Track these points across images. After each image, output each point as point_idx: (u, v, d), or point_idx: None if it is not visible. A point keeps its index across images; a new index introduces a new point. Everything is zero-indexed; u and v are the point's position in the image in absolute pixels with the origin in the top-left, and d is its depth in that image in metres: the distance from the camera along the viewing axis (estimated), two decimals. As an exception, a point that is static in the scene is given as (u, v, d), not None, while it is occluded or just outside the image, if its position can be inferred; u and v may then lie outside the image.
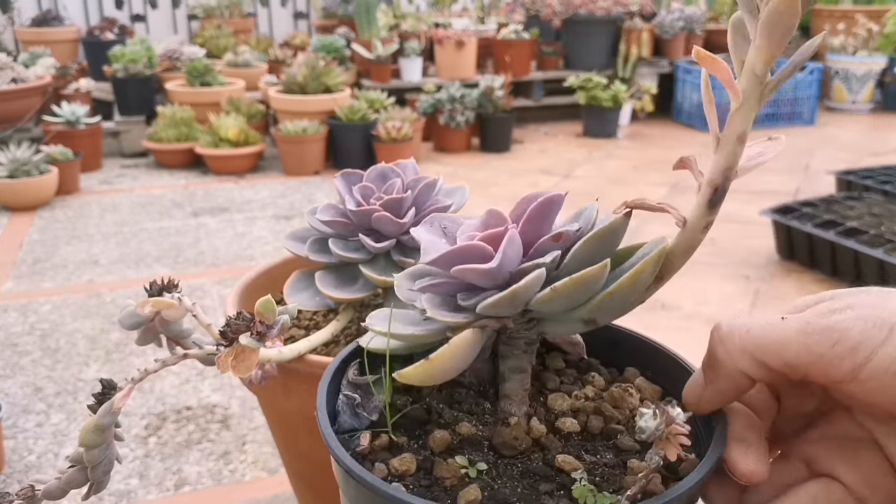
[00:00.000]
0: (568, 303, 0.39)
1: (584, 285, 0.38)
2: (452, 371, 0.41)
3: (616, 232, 0.40)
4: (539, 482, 0.38)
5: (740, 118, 0.37)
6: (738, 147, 0.38)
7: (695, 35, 5.21)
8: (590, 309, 0.39)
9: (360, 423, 0.43)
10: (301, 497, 0.92)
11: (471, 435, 0.41)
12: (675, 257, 0.40)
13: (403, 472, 0.39)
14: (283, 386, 0.75)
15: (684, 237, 0.40)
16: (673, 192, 3.40)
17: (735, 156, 0.38)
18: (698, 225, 0.39)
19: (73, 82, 4.20)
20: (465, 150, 4.23)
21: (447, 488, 0.38)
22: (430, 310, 0.41)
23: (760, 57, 0.36)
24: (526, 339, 0.43)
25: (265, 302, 0.51)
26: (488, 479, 0.39)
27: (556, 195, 0.42)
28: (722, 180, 0.38)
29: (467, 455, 0.40)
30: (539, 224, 0.41)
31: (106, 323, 2.13)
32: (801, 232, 2.47)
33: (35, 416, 1.67)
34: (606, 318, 0.41)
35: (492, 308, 0.40)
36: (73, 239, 2.86)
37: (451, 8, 5.57)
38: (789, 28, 0.35)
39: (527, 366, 0.44)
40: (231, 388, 1.78)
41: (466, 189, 0.83)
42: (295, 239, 0.82)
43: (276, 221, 3.05)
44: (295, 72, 3.87)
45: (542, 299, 0.38)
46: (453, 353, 0.40)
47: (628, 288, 0.38)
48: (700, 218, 0.39)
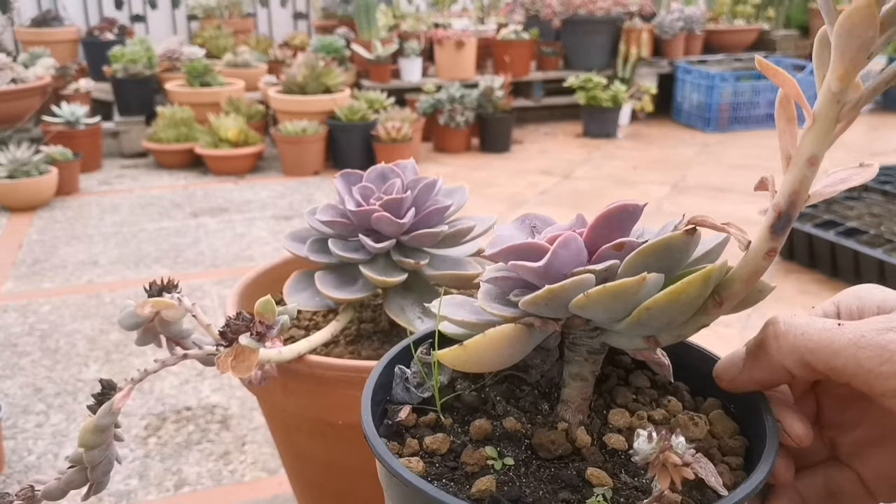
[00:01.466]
0: (605, 312, 0.39)
1: (617, 296, 0.37)
2: (489, 362, 0.41)
3: (672, 248, 0.39)
4: (562, 489, 0.38)
5: (812, 139, 0.35)
6: (809, 170, 0.35)
7: (694, 35, 5.21)
8: (630, 322, 0.38)
9: (410, 397, 0.44)
10: (301, 497, 0.92)
11: (514, 430, 0.42)
12: (735, 283, 0.38)
13: (434, 451, 0.40)
14: (282, 386, 0.75)
15: (746, 262, 0.38)
16: (673, 192, 3.40)
17: (804, 179, 0.35)
18: (760, 250, 0.37)
19: (73, 83, 4.20)
20: (464, 150, 4.24)
21: (468, 474, 0.39)
22: (481, 300, 0.42)
23: (835, 73, 0.33)
24: (588, 348, 0.43)
25: (265, 302, 0.51)
26: (513, 474, 0.39)
27: (630, 204, 0.41)
28: (787, 205, 0.36)
29: (501, 448, 0.41)
30: (608, 231, 0.40)
31: (105, 323, 2.13)
32: (801, 232, 2.47)
33: (35, 417, 1.67)
34: (665, 337, 0.41)
35: (530, 305, 0.40)
36: (73, 239, 2.86)
37: (451, 8, 5.57)
38: (866, 41, 0.32)
39: (588, 375, 0.43)
40: (231, 389, 1.78)
41: (466, 189, 0.83)
42: (294, 239, 0.82)
43: (275, 222, 3.05)
44: (294, 72, 3.87)
45: (577, 304, 0.38)
46: (489, 344, 0.40)
47: (666, 305, 0.37)
48: (762, 242, 0.37)
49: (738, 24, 5.59)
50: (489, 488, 0.37)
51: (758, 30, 5.56)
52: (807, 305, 1.90)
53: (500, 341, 0.40)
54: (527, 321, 0.41)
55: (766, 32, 5.62)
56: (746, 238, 0.38)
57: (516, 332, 0.40)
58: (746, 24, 5.57)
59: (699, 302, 0.39)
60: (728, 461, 0.41)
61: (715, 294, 0.39)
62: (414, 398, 0.44)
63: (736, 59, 5.31)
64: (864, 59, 0.33)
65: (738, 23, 5.60)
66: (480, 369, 0.43)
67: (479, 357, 0.40)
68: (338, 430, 0.76)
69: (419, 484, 0.36)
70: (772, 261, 0.37)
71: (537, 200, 3.30)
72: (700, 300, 0.38)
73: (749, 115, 4.77)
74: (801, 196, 0.36)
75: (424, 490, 0.36)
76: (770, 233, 0.36)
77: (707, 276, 0.37)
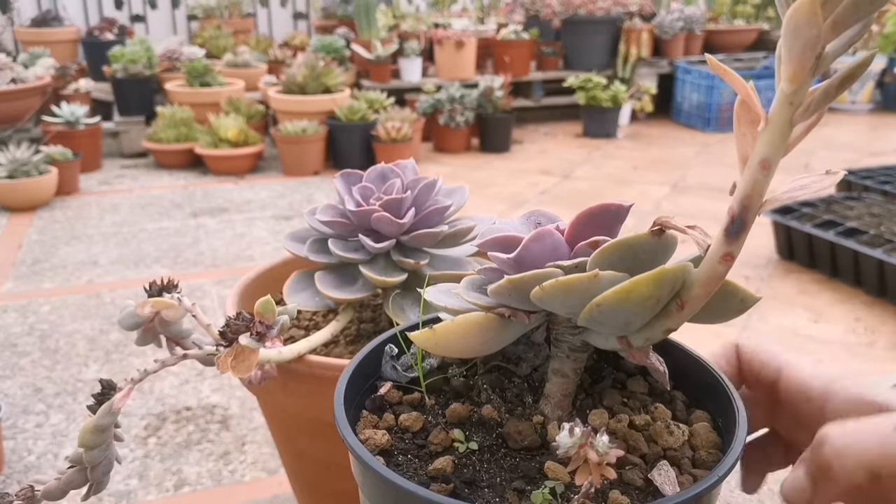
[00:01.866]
0: (562, 306, 0.39)
1: (569, 291, 0.37)
2: (458, 348, 0.42)
3: (635, 248, 0.38)
4: (519, 478, 0.39)
5: (765, 141, 0.34)
6: (761, 174, 0.34)
7: (694, 35, 5.21)
8: (583, 318, 0.39)
9: (397, 376, 0.46)
10: (301, 497, 0.92)
11: (489, 417, 0.42)
12: (695, 287, 0.38)
13: (407, 427, 0.42)
14: (282, 386, 0.75)
15: (703, 266, 0.37)
16: (673, 192, 3.40)
17: (757, 183, 0.34)
18: (716, 255, 0.36)
19: (73, 83, 4.20)
20: (464, 150, 4.24)
21: (431, 453, 0.40)
22: (461, 288, 0.43)
23: (785, 73, 0.33)
24: (570, 345, 0.43)
25: (265, 302, 0.51)
26: (475, 458, 0.40)
27: (613, 204, 0.41)
28: (740, 210, 0.35)
29: (470, 432, 0.41)
30: (590, 230, 0.41)
31: (105, 323, 2.13)
32: (801, 232, 2.47)
33: (34, 417, 1.67)
34: (635, 339, 0.40)
35: (496, 294, 0.40)
36: (73, 239, 2.86)
37: (451, 8, 5.57)
38: (811, 40, 0.31)
39: (569, 371, 0.44)
40: (230, 389, 1.78)
41: (466, 189, 0.83)
42: (294, 239, 0.82)
43: (275, 222, 3.05)
44: (294, 72, 3.87)
45: (535, 296, 0.38)
46: (457, 330, 0.41)
47: (615, 303, 0.37)
48: (718, 246, 0.36)
49: (737, 24, 5.59)
50: (445, 468, 0.38)
51: (758, 30, 5.56)
52: (807, 305, 1.90)
53: (469, 328, 0.41)
54: (499, 311, 0.41)
55: (765, 32, 5.62)
56: (707, 241, 0.38)
57: (486, 320, 0.41)
58: (746, 25, 5.57)
59: (653, 303, 0.38)
60: (696, 473, 0.41)
61: (677, 297, 0.38)
62: (401, 377, 0.46)
63: (736, 60, 5.31)
64: (812, 58, 0.32)
65: (737, 23, 5.60)
66: (449, 353, 0.43)
67: (447, 341, 0.41)
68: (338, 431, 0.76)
69: (363, 454, 0.38)
70: (729, 266, 0.36)
71: (537, 200, 3.30)
72: (653, 301, 0.37)
73: (749, 115, 4.77)
74: (754, 200, 0.35)
75: (366, 461, 0.37)
76: (725, 237, 0.36)
77: (658, 276, 0.36)
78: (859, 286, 2.32)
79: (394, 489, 0.36)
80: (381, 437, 0.41)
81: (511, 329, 0.42)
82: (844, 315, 2.18)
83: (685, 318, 0.39)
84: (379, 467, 0.37)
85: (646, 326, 0.40)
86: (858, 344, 2.02)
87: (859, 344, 2.02)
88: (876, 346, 2.02)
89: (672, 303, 0.39)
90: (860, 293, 2.31)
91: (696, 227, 0.39)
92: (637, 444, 0.41)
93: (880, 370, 1.90)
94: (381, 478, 0.36)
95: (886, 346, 2.01)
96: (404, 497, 0.36)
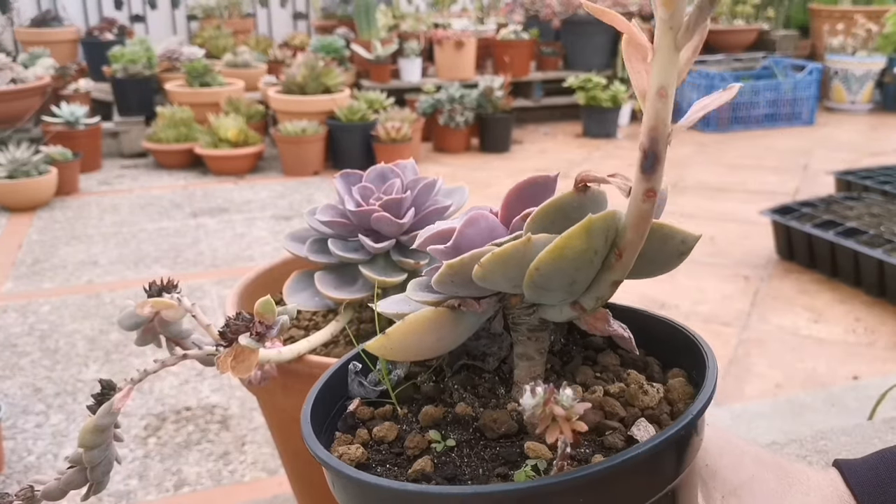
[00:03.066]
0: (504, 280, 0.38)
1: (506, 261, 0.37)
2: (415, 348, 0.41)
3: (565, 207, 0.38)
4: (501, 465, 0.39)
5: (657, 70, 0.34)
6: (660, 102, 0.34)
7: (694, 35, 5.21)
8: (526, 286, 0.38)
9: (365, 392, 0.45)
10: (300, 498, 0.92)
11: (464, 414, 0.42)
12: (627, 231, 0.37)
13: (381, 439, 0.41)
14: (282, 386, 0.75)
15: (630, 208, 0.37)
16: (673, 192, 3.39)
17: (658, 112, 0.34)
18: (638, 193, 0.36)
19: (73, 83, 4.20)
20: (464, 150, 4.23)
21: (409, 458, 0.40)
22: (409, 290, 0.43)
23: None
24: (528, 326, 0.43)
25: (264, 302, 0.51)
26: (454, 455, 0.40)
27: (540, 176, 0.41)
28: (649, 142, 0.35)
29: (445, 431, 0.41)
30: (521, 206, 0.40)
31: (105, 323, 2.13)
32: (801, 232, 2.47)
33: (34, 417, 1.67)
34: (586, 301, 0.40)
35: (439, 284, 0.40)
36: (73, 239, 2.86)
37: (451, 8, 5.57)
38: None
39: (534, 353, 0.43)
40: (230, 389, 1.78)
41: (466, 189, 0.83)
42: (294, 239, 0.82)
43: (275, 222, 3.05)
44: (294, 72, 3.87)
45: (476, 275, 0.38)
46: (409, 329, 0.40)
47: (552, 262, 0.36)
48: (638, 184, 0.36)
49: (737, 24, 5.59)
50: (424, 468, 0.38)
51: (757, 30, 5.56)
52: (807, 305, 1.90)
53: (421, 325, 0.40)
54: (449, 304, 0.41)
55: (765, 32, 5.62)
56: (628, 184, 0.37)
57: (437, 314, 0.40)
58: (746, 24, 5.57)
59: (591, 256, 0.37)
60: None
61: (615, 247, 0.38)
62: (369, 392, 0.45)
63: (735, 59, 5.31)
64: None
65: (737, 23, 5.60)
66: (408, 356, 0.43)
67: (401, 344, 0.40)
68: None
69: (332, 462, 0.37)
70: (652, 202, 0.36)
71: (537, 200, 3.30)
72: (590, 254, 0.37)
73: (748, 115, 4.77)
74: (659, 130, 0.35)
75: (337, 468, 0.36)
76: (641, 173, 0.36)
77: (587, 225, 0.36)
78: (859, 286, 2.32)
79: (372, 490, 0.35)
80: (355, 451, 0.40)
81: (465, 320, 0.42)
82: (844, 315, 2.18)
83: (627, 266, 0.39)
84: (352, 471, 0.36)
85: (592, 285, 0.40)
86: (858, 344, 2.02)
87: (859, 344, 2.02)
88: (876, 346, 2.02)
89: (611, 254, 0.38)
90: (860, 293, 2.31)
91: (616, 175, 0.39)
92: (614, 410, 0.41)
93: (880, 370, 1.90)
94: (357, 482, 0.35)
95: (886, 346, 2.01)
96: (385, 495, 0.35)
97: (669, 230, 0.40)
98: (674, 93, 0.34)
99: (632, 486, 0.35)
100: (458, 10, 5.76)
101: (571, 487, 0.33)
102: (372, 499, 0.36)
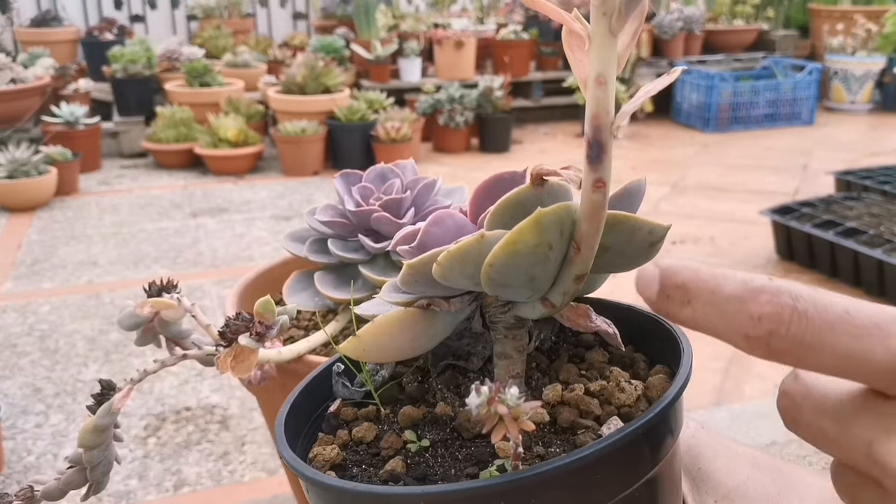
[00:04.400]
0: (463, 277, 0.38)
1: (463, 258, 0.37)
2: (388, 349, 0.41)
3: (524, 202, 0.38)
4: (472, 465, 0.39)
5: (594, 58, 0.33)
6: (600, 90, 0.33)
7: (694, 35, 5.21)
8: (486, 284, 0.38)
9: (349, 393, 0.45)
10: (300, 498, 0.92)
11: (443, 414, 0.42)
12: (582, 223, 0.37)
13: (360, 439, 0.42)
14: (282, 386, 0.75)
15: (582, 200, 0.37)
16: (673, 192, 3.40)
17: (599, 101, 0.34)
18: (587, 185, 0.36)
19: (73, 83, 4.20)
20: (464, 150, 4.23)
21: (384, 458, 0.40)
22: (382, 292, 0.43)
23: None
24: (504, 324, 0.43)
25: (264, 302, 0.51)
26: (428, 455, 0.40)
27: (507, 172, 0.40)
28: (592, 131, 0.34)
29: (422, 431, 0.41)
30: (489, 203, 0.40)
31: (105, 324, 2.13)
32: (801, 232, 2.47)
33: (34, 417, 1.67)
34: (554, 297, 0.40)
35: (404, 284, 0.40)
36: (72, 240, 2.86)
37: (451, 8, 5.57)
38: None
39: (511, 352, 0.43)
40: (230, 389, 1.78)
41: (465, 189, 0.83)
42: (294, 239, 0.82)
43: (275, 222, 3.05)
44: (294, 72, 3.87)
45: (436, 273, 0.38)
46: (380, 330, 0.40)
47: (506, 257, 0.36)
48: (587, 175, 0.35)
49: (737, 24, 5.59)
50: (395, 469, 0.38)
51: (757, 30, 5.56)
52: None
53: (391, 326, 0.40)
54: (419, 304, 0.41)
55: (765, 32, 5.62)
56: (579, 176, 0.37)
57: (407, 315, 0.40)
58: (746, 25, 5.57)
59: (545, 250, 0.37)
60: None
61: (572, 240, 0.38)
62: (353, 393, 0.45)
63: (735, 60, 5.31)
64: None
65: (737, 23, 5.60)
66: (382, 357, 0.43)
67: (374, 344, 0.41)
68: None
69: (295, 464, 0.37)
70: (602, 192, 0.35)
71: (537, 200, 3.30)
72: (545, 248, 0.37)
73: (748, 115, 4.77)
74: (602, 119, 0.34)
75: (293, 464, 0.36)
76: (588, 164, 0.35)
77: (537, 218, 0.35)
78: (859, 286, 2.32)
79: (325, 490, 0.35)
80: (330, 451, 0.40)
81: (439, 320, 0.42)
82: (844, 315, 2.18)
83: (587, 259, 0.38)
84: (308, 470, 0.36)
85: (557, 280, 0.39)
86: (858, 344, 2.02)
87: (859, 344, 2.02)
88: (875, 346, 2.02)
89: (570, 248, 0.38)
90: (860, 293, 2.31)
91: (570, 167, 0.38)
92: (590, 409, 0.41)
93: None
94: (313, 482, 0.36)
95: (886, 346, 2.01)
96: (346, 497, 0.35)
97: (636, 221, 0.40)
98: (614, 79, 0.34)
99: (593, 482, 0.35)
100: (457, 10, 5.76)
101: (519, 487, 0.33)
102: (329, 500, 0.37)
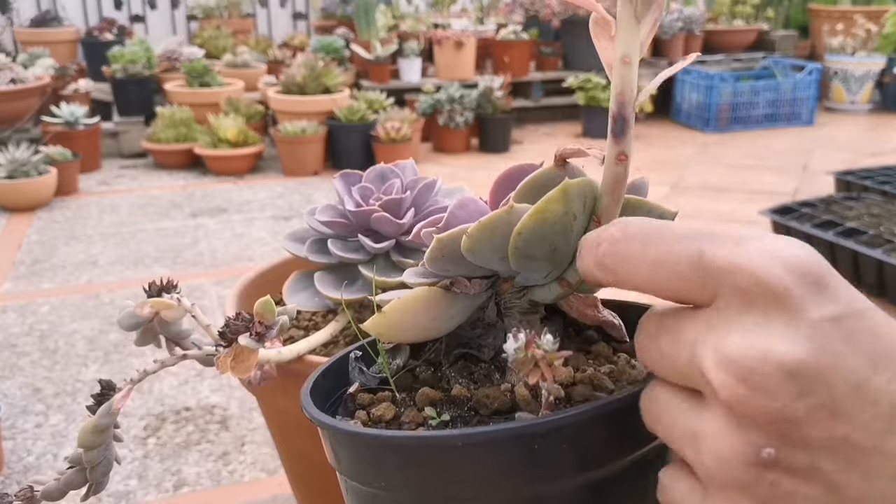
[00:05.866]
0: (491, 250, 0.40)
1: (493, 228, 0.39)
2: (411, 327, 0.43)
3: (547, 183, 0.40)
4: None
5: (620, 40, 0.37)
6: (625, 69, 0.37)
7: (694, 35, 5.21)
8: (512, 255, 0.40)
9: (366, 379, 0.47)
10: (300, 498, 0.92)
11: (460, 395, 0.44)
12: (603, 196, 0.40)
13: (379, 417, 0.43)
14: (282, 387, 0.75)
15: (604, 173, 0.40)
16: (673, 192, 3.40)
17: (624, 78, 0.37)
18: (611, 157, 0.39)
19: (72, 83, 4.20)
20: (464, 150, 4.23)
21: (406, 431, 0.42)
22: (406, 275, 0.44)
23: None
24: (519, 309, 0.44)
25: (264, 303, 0.51)
26: (448, 428, 0.41)
27: (525, 164, 0.43)
28: (617, 107, 0.38)
29: (441, 409, 0.43)
30: (508, 192, 0.42)
31: (105, 324, 2.13)
32: (800, 232, 2.47)
33: (34, 417, 1.67)
34: (570, 274, 0.42)
35: (430, 262, 0.42)
36: (72, 240, 2.86)
37: (450, 9, 5.57)
38: None
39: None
40: (230, 389, 1.78)
41: (465, 189, 0.83)
42: (294, 239, 0.82)
43: (275, 222, 3.05)
44: (294, 72, 3.87)
45: (464, 247, 0.40)
46: (404, 307, 0.42)
47: (534, 226, 0.38)
48: (610, 149, 0.39)
49: (737, 24, 5.59)
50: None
51: (757, 30, 5.56)
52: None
53: (415, 303, 0.42)
54: (441, 284, 0.43)
55: (765, 32, 5.62)
56: (603, 154, 0.40)
57: (431, 293, 0.42)
58: (746, 25, 5.57)
59: (570, 219, 0.39)
60: None
61: (593, 214, 0.41)
62: (369, 379, 0.47)
63: (735, 60, 5.31)
64: None
65: (737, 23, 5.60)
66: (404, 335, 0.44)
67: (398, 321, 0.42)
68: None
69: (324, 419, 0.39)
70: (625, 165, 0.39)
71: (537, 201, 3.30)
72: (570, 217, 0.39)
73: (748, 115, 4.77)
74: (627, 95, 0.37)
75: (331, 424, 0.39)
76: (612, 137, 0.39)
77: (564, 188, 0.38)
78: (859, 286, 2.32)
79: (366, 442, 0.37)
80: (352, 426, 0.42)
81: (458, 302, 0.43)
82: (844, 315, 2.18)
83: None
84: (348, 425, 0.38)
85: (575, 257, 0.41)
86: (858, 344, 2.02)
87: (859, 344, 2.02)
88: (875, 346, 2.02)
89: (590, 223, 0.41)
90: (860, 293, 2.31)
91: (592, 147, 0.41)
92: (602, 384, 0.43)
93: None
94: (351, 434, 0.38)
95: (886, 347, 2.01)
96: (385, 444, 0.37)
97: (647, 205, 0.42)
98: (637, 60, 0.37)
99: (627, 426, 0.37)
100: (457, 10, 5.76)
101: (554, 429, 0.35)
102: (365, 452, 0.39)
